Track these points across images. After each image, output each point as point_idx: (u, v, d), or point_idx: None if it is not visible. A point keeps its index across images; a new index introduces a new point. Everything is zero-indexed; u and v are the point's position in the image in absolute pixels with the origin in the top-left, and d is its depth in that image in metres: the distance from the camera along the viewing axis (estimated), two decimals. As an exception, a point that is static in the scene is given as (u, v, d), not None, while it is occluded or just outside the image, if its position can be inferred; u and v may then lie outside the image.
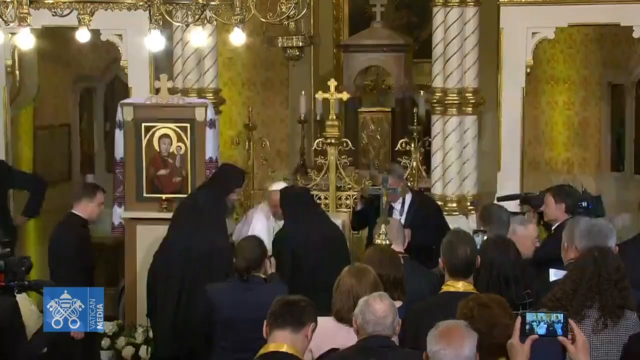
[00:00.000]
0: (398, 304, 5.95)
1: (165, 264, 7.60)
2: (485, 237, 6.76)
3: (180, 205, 8.11)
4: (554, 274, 5.95)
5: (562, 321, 4.03)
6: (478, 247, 5.96)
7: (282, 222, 8.41)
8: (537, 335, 4.03)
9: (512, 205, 8.08)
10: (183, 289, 7.42)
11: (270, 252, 7.35)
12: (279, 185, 8.67)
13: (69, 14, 6.39)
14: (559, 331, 4.03)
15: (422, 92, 11.70)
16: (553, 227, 7.74)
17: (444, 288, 5.54)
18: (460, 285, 5.45)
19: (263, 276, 6.59)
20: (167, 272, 7.55)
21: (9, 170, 9.73)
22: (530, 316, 4.05)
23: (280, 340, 4.70)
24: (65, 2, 6.29)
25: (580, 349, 4.11)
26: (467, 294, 5.30)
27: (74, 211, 8.10)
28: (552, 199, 7.74)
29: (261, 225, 8.50)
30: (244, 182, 8.62)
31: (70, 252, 7.82)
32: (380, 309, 4.93)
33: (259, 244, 6.69)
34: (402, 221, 8.52)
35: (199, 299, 7.33)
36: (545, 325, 4.04)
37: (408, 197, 8.65)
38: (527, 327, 4.04)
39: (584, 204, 7.78)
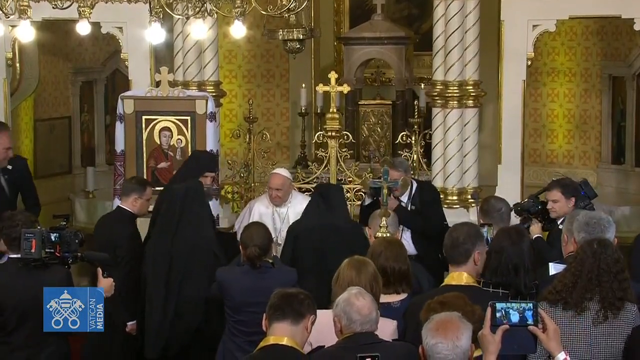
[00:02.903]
0: (402, 296, 5.96)
1: (149, 264, 7.54)
2: (492, 230, 6.77)
3: (159, 198, 8.00)
4: (554, 268, 5.95)
5: (532, 310, 4.05)
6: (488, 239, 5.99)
7: (282, 209, 8.41)
8: (507, 326, 4.04)
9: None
10: (169, 288, 7.38)
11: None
12: (281, 171, 8.68)
13: (69, 6, 6.38)
14: (530, 319, 4.05)
15: (422, 84, 11.69)
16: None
17: (446, 281, 5.52)
18: (463, 278, 5.42)
19: (270, 261, 6.60)
20: (152, 272, 7.48)
21: (29, 175, 9.47)
22: (500, 306, 4.07)
23: (280, 333, 4.70)
24: (66, -6, 6.28)
25: (552, 337, 4.13)
26: (468, 287, 5.30)
27: (122, 206, 7.97)
28: (561, 195, 7.61)
29: (262, 213, 8.49)
30: (216, 165, 8.60)
31: (122, 245, 7.69)
32: (364, 307, 4.89)
33: (265, 229, 6.68)
34: (410, 209, 8.53)
35: (189, 293, 7.34)
36: (516, 314, 4.05)
37: (414, 187, 8.63)
38: (498, 315, 4.05)
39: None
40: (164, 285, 7.36)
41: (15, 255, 6.11)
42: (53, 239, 5.96)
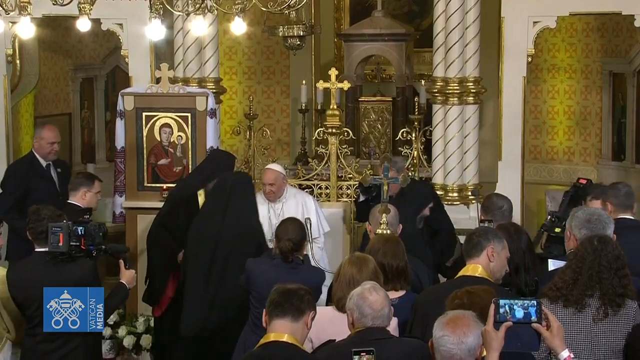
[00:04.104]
0: (401, 292, 5.97)
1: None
2: (492, 227, 6.75)
3: (175, 190, 8.08)
4: (553, 264, 5.95)
5: (536, 306, 4.05)
6: None
7: (277, 205, 8.41)
8: (511, 322, 4.04)
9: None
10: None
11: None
12: (274, 166, 8.69)
13: (69, 3, 6.38)
14: (534, 315, 4.05)
15: (423, 81, 11.69)
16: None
17: (461, 272, 5.52)
18: (477, 270, 5.42)
19: (301, 257, 6.69)
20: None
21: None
22: (504, 302, 4.07)
23: (281, 330, 4.70)
24: (66, -9, 6.28)
25: (556, 335, 4.13)
26: (481, 280, 5.29)
27: (71, 201, 8.03)
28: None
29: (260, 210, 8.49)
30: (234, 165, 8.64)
31: None
32: (377, 302, 4.92)
33: (300, 225, 6.78)
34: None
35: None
36: (520, 310, 4.06)
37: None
38: (501, 311, 4.05)
39: None
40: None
41: (41, 249, 6.18)
42: (79, 233, 6.08)
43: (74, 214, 7.77)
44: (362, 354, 4.39)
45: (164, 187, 8.74)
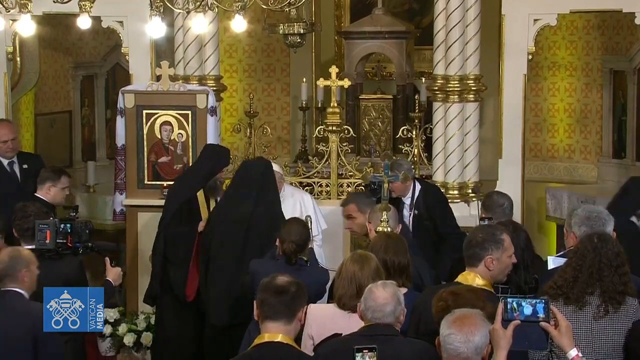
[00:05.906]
0: (403, 290, 5.97)
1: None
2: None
3: (175, 192, 8.07)
4: (553, 262, 5.95)
5: (544, 304, 4.05)
6: None
7: None
8: (519, 321, 4.04)
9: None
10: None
11: None
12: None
13: (69, 0, 6.38)
14: (541, 313, 4.05)
15: (423, 79, 11.68)
16: None
17: (458, 279, 5.48)
18: (475, 280, 5.34)
19: (305, 258, 6.66)
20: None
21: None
22: (512, 299, 4.07)
23: (275, 331, 4.68)
24: (66, -12, 6.28)
25: (564, 333, 4.13)
26: (479, 289, 5.26)
27: (37, 195, 8.04)
28: None
29: None
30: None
31: None
32: (380, 297, 4.93)
33: (303, 226, 6.77)
34: (412, 214, 8.49)
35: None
36: (529, 307, 4.06)
37: (417, 189, 8.58)
38: (509, 309, 4.05)
39: None
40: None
41: (28, 247, 6.16)
42: (68, 229, 6.10)
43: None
44: (364, 351, 4.39)
45: (165, 184, 8.74)
